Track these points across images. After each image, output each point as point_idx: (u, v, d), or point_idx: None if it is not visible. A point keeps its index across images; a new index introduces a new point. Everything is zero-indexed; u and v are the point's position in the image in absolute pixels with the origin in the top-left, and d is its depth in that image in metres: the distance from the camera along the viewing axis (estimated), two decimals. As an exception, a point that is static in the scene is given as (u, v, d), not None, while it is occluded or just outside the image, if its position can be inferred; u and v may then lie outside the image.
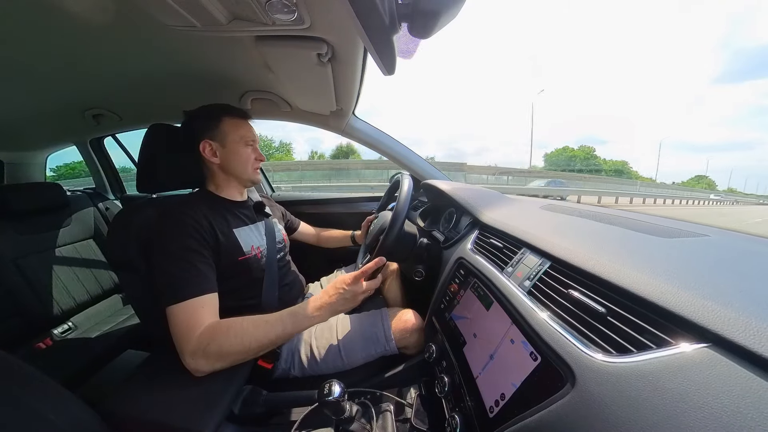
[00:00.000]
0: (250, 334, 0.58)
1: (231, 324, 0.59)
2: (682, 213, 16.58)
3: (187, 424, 0.51)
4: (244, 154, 0.81)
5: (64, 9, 0.56)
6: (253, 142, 0.83)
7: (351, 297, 0.64)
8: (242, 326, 0.59)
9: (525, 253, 0.55)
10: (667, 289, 0.33)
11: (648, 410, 0.26)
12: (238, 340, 0.57)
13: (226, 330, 0.58)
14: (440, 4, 0.37)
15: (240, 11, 0.52)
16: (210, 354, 0.56)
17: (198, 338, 0.56)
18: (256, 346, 0.58)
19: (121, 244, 0.69)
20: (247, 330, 0.58)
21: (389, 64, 0.49)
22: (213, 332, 0.57)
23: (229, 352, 0.56)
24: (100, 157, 1.76)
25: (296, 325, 0.62)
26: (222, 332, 0.57)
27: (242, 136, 0.80)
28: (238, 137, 0.80)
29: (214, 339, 0.56)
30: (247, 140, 0.81)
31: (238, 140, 0.80)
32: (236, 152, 0.80)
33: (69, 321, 1.31)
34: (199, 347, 0.56)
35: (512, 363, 0.44)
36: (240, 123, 0.81)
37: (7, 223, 1.23)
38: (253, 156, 0.83)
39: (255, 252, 0.79)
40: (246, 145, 0.81)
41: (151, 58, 0.78)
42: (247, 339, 0.57)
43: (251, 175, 0.84)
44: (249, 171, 0.83)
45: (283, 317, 0.62)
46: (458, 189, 0.97)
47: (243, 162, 0.81)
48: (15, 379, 0.42)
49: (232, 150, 0.79)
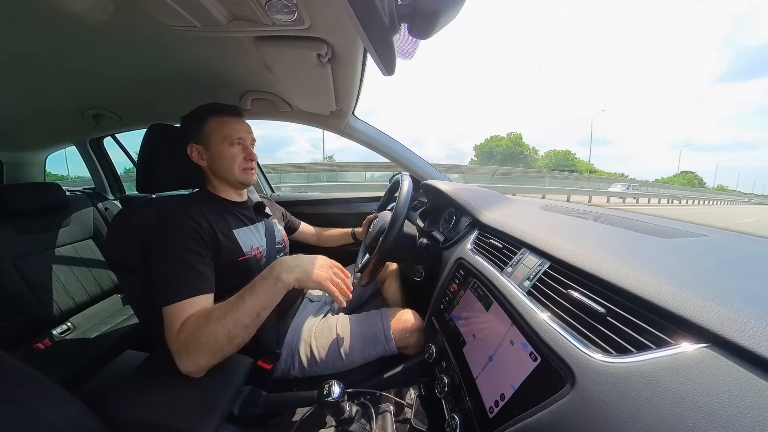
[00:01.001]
0: (213, 316, 0.56)
1: (200, 312, 0.58)
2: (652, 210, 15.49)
3: (187, 425, 0.51)
4: (228, 155, 0.76)
5: (63, 9, 0.56)
6: (240, 140, 0.78)
7: (311, 259, 0.63)
8: (208, 311, 0.58)
9: (524, 253, 0.55)
10: (667, 290, 0.33)
11: (647, 410, 0.26)
12: (205, 326, 0.55)
13: (195, 320, 0.56)
14: (440, 5, 0.37)
15: (240, 11, 0.52)
16: (189, 347, 0.55)
17: (177, 336, 0.55)
18: (222, 326, 0.55)
19: (120, 244, 0.69)
20: (211, 313, 0.57)
21: (389, 64, 0.49)
22: (185, 325, 0.56)
23: (199, 339, 0.54)
24: (99, 157, 1.76)
25: (255, 293, 0.58)
26: (192, 322, 0.56)
27: (226, 135, 0.76)
28: (221, 137, 0.76)
29: (187, 331, 0.55)
30: (232, 139, 0.77)
31: (221, 140, 0.76)
32: (220, 153, 0.76)
33: (68, 321, 1.30)
34: (179, 344, 0.55)
35: (512, 363, 0.44)
36: (225, 122, 0.77)
37: (6, 223, 1.23)
38: (241, 156, 0.78)
39: (255, 253, 0.79)
40: (231, 145, 0.77)
41: (150, 58, 0.78)
42: (211, 322, 0.55)
43: (239, 176, 0.79)
44: (236, 172, 0.78)
45: (241, 291, 0.59)
46: (458, 189, 0.97)
47: (228, 163, 0.77)
48: (14, 379, 0.42)
49: (216, 151, 0.76)
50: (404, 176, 0.88)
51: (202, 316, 0.57)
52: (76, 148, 1.71)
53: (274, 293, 0.58)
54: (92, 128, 1.34)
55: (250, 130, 0.81)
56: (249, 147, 0.80)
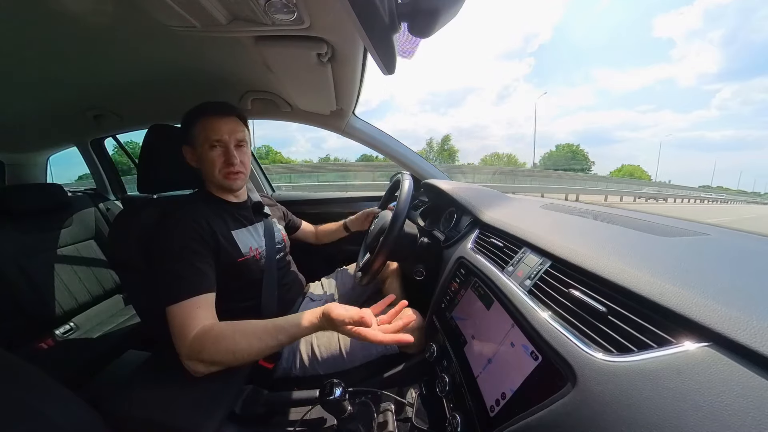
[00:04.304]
0: (238, 345, 0.56)
1: (220, 333, 0.57)
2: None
3: (189, 424, 0.51)
4: (208, 159, 0.73)
5: (64, 10, 0.56)
6: (219, 142, 0.72)
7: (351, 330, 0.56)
8: (233, 339, 0.56)
9: (525, 252, 0.55)
10: (668, 288, 0.33)
11: (649, 409, 0.26)
12: (228, 352, 0.55)
13: (215, 341, 0.56)
14: (440, 3, 0.37)
15: (240, 11, 0.52)
16: (203, 360, 0.56)
17: (191, 344, 0.56)
18: (246, 356, 0.56)
19: (122, 244, 0.69)
20: (237, 342, 0.56)
21: (389, 63, 0.49)
22: (203, 341, 0.56)
23: (221, 361, 0.56)
24: (100, 157, 1.77)
25: (291, 336, 0.58)
26: (211, 342, 0.56)
27: (206, 137, 0.72)
28: (203, 139, 0.72)
29: (204, 348, 0.55)
30: (211, 141, 0.72)
31: (203, 142, 0.72)
32: (203, 156, 0.74)
33: (71, 321, 1.31)
34: (192, 353, 0.56)
35: (513, 362, 0.44)
36: (210, 122, 0.72)
37: (8, 224, 1.23)
38: (221, 159, 0.73)
39: (254, 253, 0.79)
40: (211, 148, 0.72)
41: (151, 58, 0.79)
42: (237, 350, 0.56)
43: (220, 180, 0.75)
44: (216, 176, 0.74)
45: (270, 330, 0.57)
46: (458, 188, 0.97)
47: (208, 167, 0.74)
48: (17, 378, 0.43)
49: (200, 154, 0.74)
50: (405, 175, 0.88)
51: (225, 337, 0.56)
52: (78, 148, 1.71)
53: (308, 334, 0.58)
54: (93, 129, 1.35)
55: (234, 130, 0.75)
56: (230, 149, 0.74)
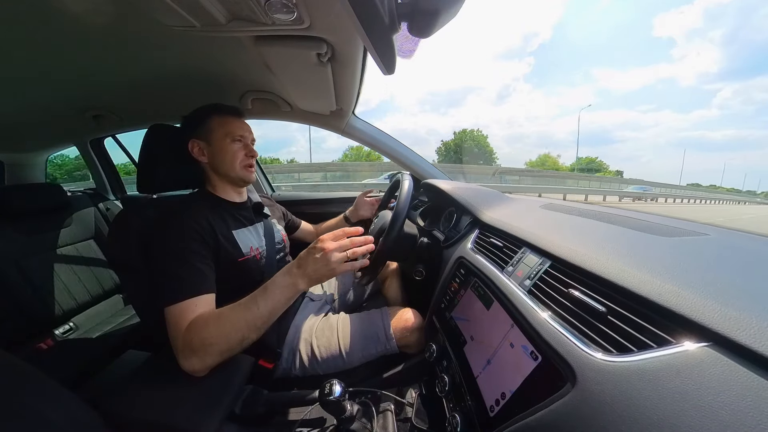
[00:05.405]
0: (227, 319, 0.57)
1: (210, 314, 0.59)
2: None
3: (189, 424, 0.51)
4: (230, 151, 0.78)
5: (63, 10, 0.56)
6: (242, 137, 0.80)
7: (321, 256, 0.57)
8: (220, 313, 0.58)
9: (525, 252, 0.55)
10: (668, 288, 0.33)
11: (648, 409, 0.26)
12: (217, 328, 0.56)
13: (205, 321, 0.57)
14: (440, 4, 0.37)
15: (239, 11, 0.52)
16: (195, 348, 0.55)
17: (184, 335, 0.56)
18: (235, 329, 0.56)
19: (121, 244, 0.69)
20: (223, 315, 0.58)
21: (389, 63, 0.49)
22: (194, 326, 0.57)
23: (211, 341, 0.55)
24: (100, 157, 1.77)
25: (269, 297, 0.58)
26: (201, 323, 0.57)
27: (228, 132, 0.78)
28: (224, 133, 0.78)
29: (195, 332, 0.56)
30: (234, 136, 0.79)
31: (223, 137, 0.78)
32: (222, 149, 0.78)
33: (70, 321, 1.31)
34: (186, 344, 0.56)
35: (513, 362, 0.44)
36: (228, 120, 0.79)
37: (8, 224, 1.23)
38: (243, 152, 0.80)
39: (254, 253, 0.79)
40: (233, 141, 0.79)
41: (150, 58, 0.78)
42: (225, 324, 0.56)
43: (240, 172, 0.80)
44: (237, 168, 0.80)
45: (254, 294, 0.59)
46: (458, 188, 0.97)
47: (230, 159, 0.78)
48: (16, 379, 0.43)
49: (218, 147, 0.78)
50: (405, 175, 0.88)
51: (212, 318, 0.58)
52: (77, 148, 1.71)
53: (288, 298, 0.59)
54: (93, 129, 1.34)
55: (250, 130, 0.83)
56: (250, 145, 0.83)
